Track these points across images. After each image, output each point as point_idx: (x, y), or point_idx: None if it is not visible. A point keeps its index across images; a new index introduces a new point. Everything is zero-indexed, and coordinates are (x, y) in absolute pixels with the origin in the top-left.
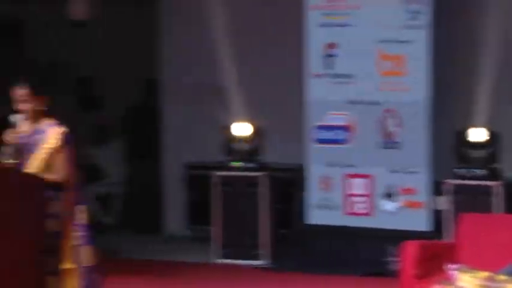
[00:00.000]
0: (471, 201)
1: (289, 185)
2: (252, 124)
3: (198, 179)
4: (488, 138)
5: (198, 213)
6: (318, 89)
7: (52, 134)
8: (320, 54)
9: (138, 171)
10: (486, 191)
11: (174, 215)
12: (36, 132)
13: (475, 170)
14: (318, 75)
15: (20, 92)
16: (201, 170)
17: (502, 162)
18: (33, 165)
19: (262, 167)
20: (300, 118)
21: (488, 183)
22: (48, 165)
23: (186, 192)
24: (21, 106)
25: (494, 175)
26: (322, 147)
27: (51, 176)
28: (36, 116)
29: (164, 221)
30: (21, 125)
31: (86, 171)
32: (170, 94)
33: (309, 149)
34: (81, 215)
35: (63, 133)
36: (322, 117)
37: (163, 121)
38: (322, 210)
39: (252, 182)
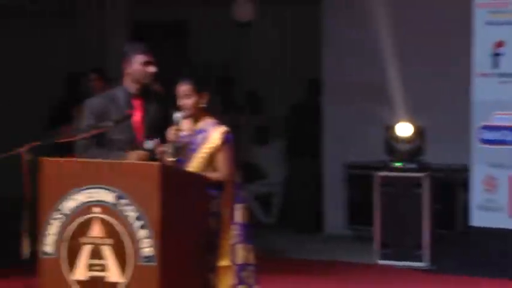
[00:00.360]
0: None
1: (451, 185)
2: (414, 124)
3: (358, 179)
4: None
5: (358, 213)
6: (484, 89)
7: (214, 134)
8: (487, 53)
9: (298, 170)
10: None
11: (334, 215)
12: (198, 131)
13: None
14: (485, 75)
15: (184, 87)
16: (362, 170)
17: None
18: (195, 164)
19: (424, 168)
20: (464, 118)
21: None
22: (209, 164)
23: (347, 192)
24: (184, 102)
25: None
26: (488, 148)
27: (212, 175)
28: (198, 114)
29: (324, 221)
30: (183, 123)
31: (247, 170)
32: (332, 94)
33: (473, 150)
34: (240, 214)
35: (224, 132)
36: (488, 118)
37: (325, 121)
38: (485, 211)
39: (414, 183)
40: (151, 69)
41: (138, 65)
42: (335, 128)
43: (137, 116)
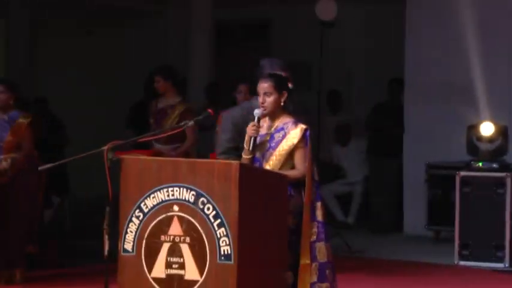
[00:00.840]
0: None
1: None
2: (496, 123)
3: (440, 179)
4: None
5: (438, 213)
6: None
7: (292, 131)
8: None
9: (379, 170)
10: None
11: (415, 215)
12: (276, 130)
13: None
14: None
15: (264, 84)
16: (443, 170)
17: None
18: (273, 162)
19: (506, 167)
20: None
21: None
22: (287, 162)
23: (427, 192)
24: (264, 99)
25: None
26: None
27: (290, 173)
28: (277, 112)
29: (404, 221)
30: (262, 120)
31: (327, 169)
32: (414, 93)
33: None
34: (319, 212)
35: (303, 130)
36: None
37: (407, 120)
38: None
39: (496, 183)
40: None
41: None
42: (417, 128)
43: None
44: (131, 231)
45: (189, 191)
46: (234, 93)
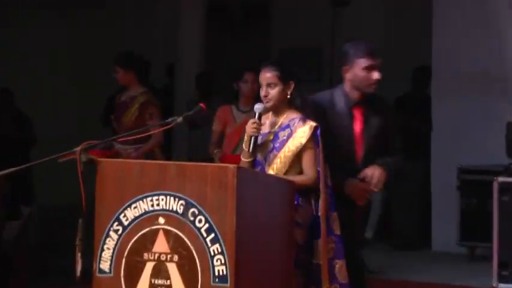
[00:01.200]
0: None
1: None
2: None
3: (473, 186)
4: None
5: (473, 226)
6: None
7: (300, 129)
8: None
9: (402, 175)
10: None
11: (444, 228)
12: (281, 127)
13: None
14: None
15: (267, 74)
16: (477, 175)
17: None
18: (277, 165)
19: None
20: None
21: None
22: (293, 165)
23: (459, 201)
24: (267, 91)
25: None
26: None
27: (298, 178)
28: (282, 107)
29: (432, 235)
30: (264, 117)
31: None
32: (443, 85)
33: None
34: (335, 224)
35: (312, 128)
36: None
37: (434, 116)
38: None
39: None
40: (375, 75)
41: (359, 70)
42: (446, 125)
43: (357, 127)
44: (108, 248)
45: (177, 200)
46: (237, 83)
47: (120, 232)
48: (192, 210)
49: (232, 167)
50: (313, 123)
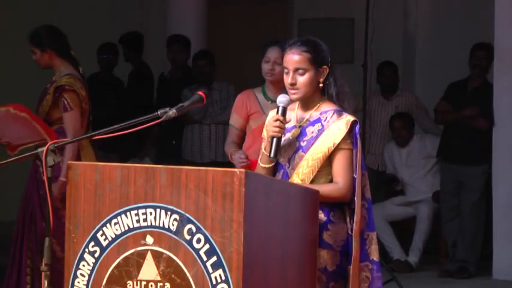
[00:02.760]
0: None
1: None
2: None
3: None
4: None
5: None
6: None
7: (334, 125)
8: None
9: (455, 183)
10: None
11: (510, 251)
12: (310, 122)
13: None
14: None
15: (295, 57)
16: None
17: None
18: (302, 170)
19: None
20: None
21: None
22: (324, 171)
23: None
24: (294, 79)
25: None
26: None
27: (325, 189)
28: (312, 97)
29: (494, 260)
30: (289, 110)
31: (376, 181)
32: (508, 67)
33: None
34: (373, 248)
35: (348, 123)
36: None
37: (497, 108)
38: None
39: None
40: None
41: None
42: (509, 118)
43: None
44: (82, 275)
45: (169, 214)
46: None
47: (97, 255)
48: (188, 227)
49: (239, 172)
50: (351, 117)
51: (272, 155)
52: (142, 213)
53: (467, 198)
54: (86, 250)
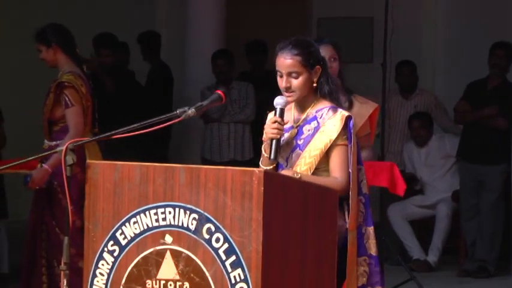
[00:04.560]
0: None
1: None
2: None
3: None
4: None
5: None
6: None
7: (329, 122)
8: None
9: (475, 183)
10: None
11: None
12: (306, 121)
13: None
14: None
15: (287, 61)
16: None
17: None
18: (300, 168)
19: None
20: None
21: None
22: (321, 167)
23: None
24: (288, 82)
25: None
26: None
27: (326, 180)
28: (307, 97)
29: None
30: (287, 111)
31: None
32: None
33: None
34: (371, 242)
35: (343, 119)
36: None
37: None
38: None
39: None
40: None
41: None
42: None
43: None
44: (102, 274)
45: (188, 213)
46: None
47: (116, 254)
48: (207, 226)
49: (258, 172)
50: (345, 113)
51: (272, 156)
52: (162, 213)
53: (486, 198)
54: (105, 249)
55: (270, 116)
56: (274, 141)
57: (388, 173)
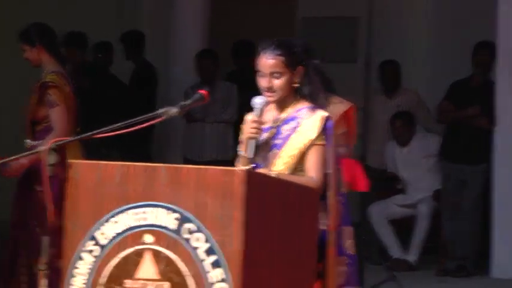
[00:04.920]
0: None
1: None
2: None
3: None
4: None
5: None
6: None
7: (307, 122)
8: None
9: (456, 182)
10: None
11: (509, 249)
12: (285, 121)
13: None
14: None
15: (270, 61)
16: None
17: None
18: (277, 167)
19: None
20: None
21: None
22: (299, 166)
23: None
24: (270, 82)
25: None
26: None
27: (302, 178)
28: (287, 97)
29: (492, 259)
30: (267, 111)
31: (378, 180)
32: (506, 64)
33: None
34: (348, 242)
35: (322, 119)
36: None
37: (499, 107)
38: None
39: None
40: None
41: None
42: (510, 118)
43: None
44: (81, 274)
45: (169, 213)
46: None
47: (96, 254)
48: (188, 225)
49: (239, 171)
50: (324, 113)
51: (250, 156)
52: (142, 212)
53: (467, 197)
54: (85, 249)
55: (250, 116)
56: (252, 141)
57: (351, 169)
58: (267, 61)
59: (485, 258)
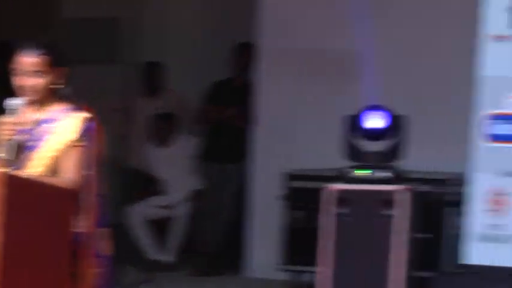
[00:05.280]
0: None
1: (439, 204)
2: (389, 113)
3: (301, 195)
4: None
5: (299, 246)
6: (497, 59)
7: (65, 122)
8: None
9: (212, 181)
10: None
11: (262, 249)
12: (43, 120)
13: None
14: (500, 38)
15: (31, 59)
16: (307, 182)
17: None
18: (34, 169)
19: (400, 178)
20: (464, 104)
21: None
22: (55, 167)
23: (284, 214)
24: (28, 82)
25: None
26: (497, 148)
27: (56, 180)
28: (46, 98)
29: (246, 258)
30: (24, 112)
31: (137, 181)
32: (270, 66)
33: (476, 151)
34: (105, 243)
35: (82, 120)
36: (499, 102)
37: (259, 106)
38: (488, 243)
39: (384, 200)
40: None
41: None
42: (270, 118)
43: None
44: None
45: None
46: None
47: None
48: None
49: (0, 173)
50: (86, 114)
51: (9, 158)
52: None
53: (226, 197)
54: None
55: (6, 117)
56: (9, 143)
57: None
58: (29, 60)
59: (238, 257)
